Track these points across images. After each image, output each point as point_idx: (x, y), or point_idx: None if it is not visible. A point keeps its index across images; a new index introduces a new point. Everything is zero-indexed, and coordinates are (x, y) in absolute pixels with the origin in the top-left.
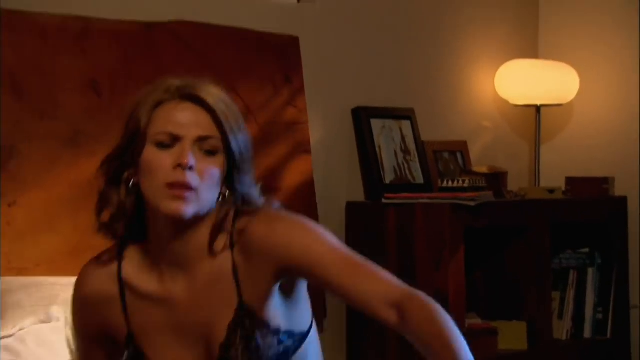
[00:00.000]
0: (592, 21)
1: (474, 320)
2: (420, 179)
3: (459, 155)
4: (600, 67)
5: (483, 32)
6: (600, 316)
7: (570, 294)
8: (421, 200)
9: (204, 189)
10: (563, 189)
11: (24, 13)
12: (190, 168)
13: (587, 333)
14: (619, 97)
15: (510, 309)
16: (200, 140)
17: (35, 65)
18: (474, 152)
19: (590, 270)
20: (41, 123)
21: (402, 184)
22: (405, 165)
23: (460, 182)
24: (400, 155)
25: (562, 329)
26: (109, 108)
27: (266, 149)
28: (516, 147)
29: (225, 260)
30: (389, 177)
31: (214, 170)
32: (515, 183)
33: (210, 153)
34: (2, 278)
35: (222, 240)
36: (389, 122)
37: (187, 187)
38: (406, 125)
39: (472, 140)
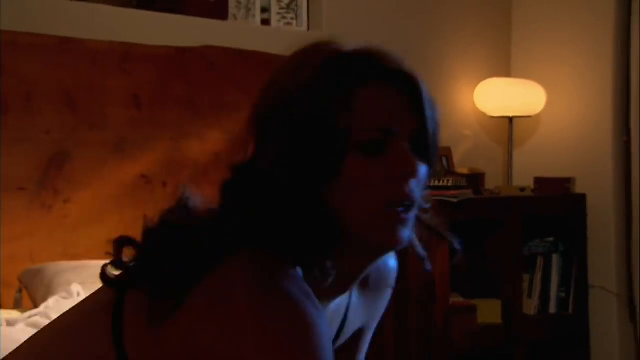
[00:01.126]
0: (558, 45)
1: (457, 299)
2: None
3: (444, 159)
4: (564, 85)
5: (464, 55)
6: (563, 295)
7: (538, 276)
8: None
9: (418, 200)
10: (532, 187)
11: (77, 40)
12: (417, 176)
13: (552, 309)
14: (580, 110)
15: (488, 288)
16: (413, 134)
17: (86, 83)
18: (457, 156)
19: (554, 256)
20: (91, 132)
21: None
22: None
23: (445, 181)
24: None
25: (531, 306)
26: (148, 119)
27: None
28: (492, 152)
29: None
30: None
31: (426, 174)
32: (492, 182)
33: (420, 152)
34: (58, 262)
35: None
36: None
37: (409, 204)
38: None
39: (455, 146)
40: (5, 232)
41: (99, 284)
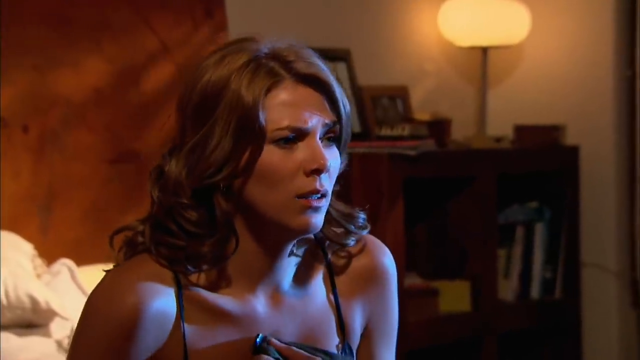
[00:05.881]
0: None
1: (414, 280)
2: (356, 127)
3: (399, 102)
4: (553, 5)
5: None
6: (548, 275)
7: (517, 251)
8: (357, 150)
9: (330, 189)
10: (511, 137)
11: None
12: (327, 170)
13: (535, 293)
14: (573, 38)
15: (453, 267)
16: (324, 128)
17: None
18: (416, 98)
19: (538, 226)
20: None
21: None
22: None
23: (400, 129)
24: None
25: (508, 289)
26: (2, 42)
27: None
28: (461, 92)
29: (322, 284)
30: None
31: (337, 163)
32: (460, 131)
33: (332, 142)
34: None
35: (319, 264)
36: None
37: (321, 194)
38: (341, 67)
39: (413, 85)
40: None
41: None
